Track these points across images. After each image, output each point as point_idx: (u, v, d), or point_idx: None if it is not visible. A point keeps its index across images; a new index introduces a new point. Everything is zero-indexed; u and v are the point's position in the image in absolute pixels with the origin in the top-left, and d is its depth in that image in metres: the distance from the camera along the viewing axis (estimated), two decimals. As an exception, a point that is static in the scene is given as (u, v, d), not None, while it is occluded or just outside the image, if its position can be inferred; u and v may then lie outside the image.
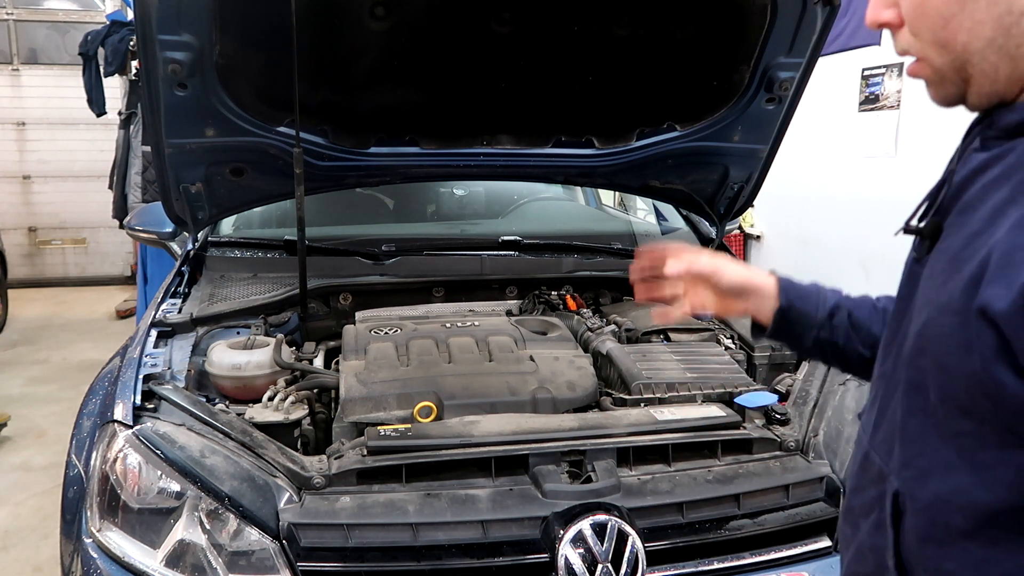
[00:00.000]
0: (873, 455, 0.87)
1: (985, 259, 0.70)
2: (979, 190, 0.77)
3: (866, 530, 0.87)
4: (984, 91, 0.78)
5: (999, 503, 0.71)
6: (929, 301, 0.78)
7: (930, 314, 0.77)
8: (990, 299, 0.68)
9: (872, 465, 0.87)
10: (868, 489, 0.87)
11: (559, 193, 3.38)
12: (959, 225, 0.78)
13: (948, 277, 0.75)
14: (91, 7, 8.13)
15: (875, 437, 0.88)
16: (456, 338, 1.87)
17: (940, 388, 0.75)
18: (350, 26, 1.87)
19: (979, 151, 0.80)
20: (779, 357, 1.99)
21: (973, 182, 0.78)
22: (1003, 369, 0.67)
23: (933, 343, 0.75)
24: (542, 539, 1.37)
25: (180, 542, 1.36)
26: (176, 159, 1.98)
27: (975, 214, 0.75)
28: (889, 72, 4.80)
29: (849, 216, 5.00)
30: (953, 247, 0.77)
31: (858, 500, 0.90)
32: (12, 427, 4.12)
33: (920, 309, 0.80)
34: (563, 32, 1.96)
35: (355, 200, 2.92)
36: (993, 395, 0.69)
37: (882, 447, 0.86)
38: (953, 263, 0.75)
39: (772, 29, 1.94)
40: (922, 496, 0.78)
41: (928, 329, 0.77)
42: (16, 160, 8.21)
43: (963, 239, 0.75)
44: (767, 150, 2.31)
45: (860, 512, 0.89)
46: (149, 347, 1.82)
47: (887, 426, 0.85)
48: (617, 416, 1.61)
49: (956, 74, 0.78)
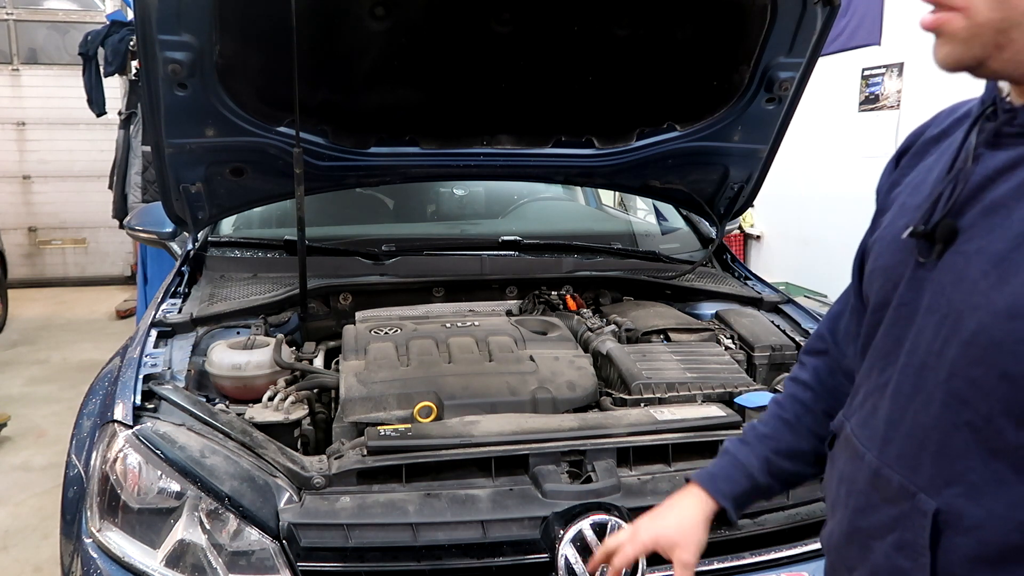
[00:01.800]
0: (888, 472, 0.82)
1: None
2: (1012, 189, 0.73)
3: (883, 552, 0.82)
4: (1018, 59, 0.73)
5: None
6: (976, 307, 0.73)
7: (982, 321, 0.72)
8: None
9: (888, 482, 0.82)
10: (884, 508, 0.83)
11: (559, 193, 3.38)
12: (991, 226, 0.74)
13: (1002, 280, 0.71)
14: (91, 7, 8.13)
15: (886, 452, 0.83)
16: (456, 338, 1.87)
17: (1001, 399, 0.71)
18: (350, 26, 1.87)
19: (995, 149, 0.77)
20: (779, 357, 1.99)
21: (996, 182, 0.75)
22: None
23: (996, 352, 0.71)
24: (542, 539, 1.37)
25: (180, 542, 1.36)
26: (176, 159, 1.98)
27: (1013, 214, 0.72)
28: (889, 72, 4.80)
29: (849, 216, 4.99)
30: (995, 248, 0.73)
31: (868, 520, 0.85)
32: (12, 427, 4.12)
33: (962, 316, 0.75)
34: (563, 32, 1.96)
35: (355, 200, 2.92)
36: None
37: (900, 463, 0.81)
38: (1003, 264, 0.71)
39: (772, 29, 1.94)
40: (972, 514, 0.74)
41: (983, 337, 0.72)
42: (16, 160, 8.21)
43: (1010, 240, 0.72)
44: (767, 150, 2.31)
45: (873, 533, 0.84)
46: (149, 347, 1.82)
47: (905, 440, 0.81)
48: (617, 416, 1.61)
49: (996, 35, 0.72)
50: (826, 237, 5.38)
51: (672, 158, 2.33)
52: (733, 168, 2.38)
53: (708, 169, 2.41)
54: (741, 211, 2.56)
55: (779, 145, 2.30)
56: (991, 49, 0.73)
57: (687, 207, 2.72)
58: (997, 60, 0.73)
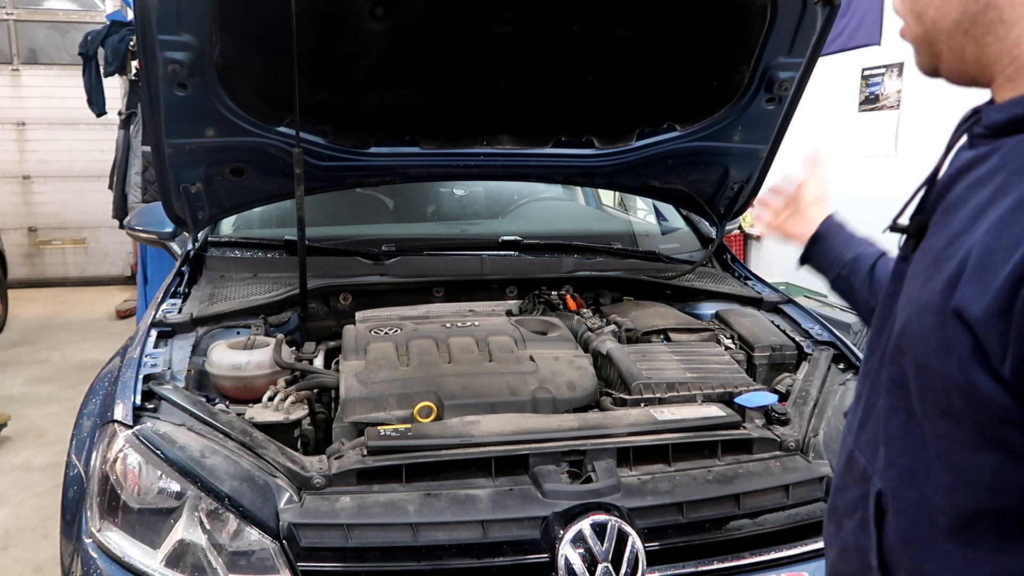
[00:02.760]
0: (858, 455, 0.87)
1: (963, 260, 0.69)
2: (963, 190, 0.77)
3: (850, 529, 0.87)
4: (952, 68, 0.79)
5: (977, 505, 0.71)
6: (911, 300, 0.78)
7: (911, 313, 0.77)
8: (965, 301, 0.67)
9: (856, 464, 0.87)
10: (852, 488, 0.87)
11: (559, 193, 3.39)
12: (942, 224, 0.78)
13: (929, 277, 0.75)
14: (91, 7, 8.13)
15: (860, 436, 0.88)
16: (456, 338, 1.87)
17: (920, 388, 0.75)
18: (350, 26, 1.87)
19: (966, 149, 0.80)
20: (779, 357, 1.99)
21: (958, 181, 0.78)
22: (978, 371, 0.67)
23: (913, 343, 0.75)
24: (542, 539, 1.37)
25: (180, 542, 1.36)
26: (176, 159, 1.98)
27: (958, 213, 0.75)
28: (889, 72, 4.80)
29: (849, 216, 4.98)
30: (936, 246, 0.77)
31: (842, 499, 0.90)
32: (12, 427, 4.12)
33: (903, 308, 0.80)
34: (563, 32, 1.96)
35: (355, 200, 2.92)
36: (968, 396, 0.69)
37: (867, 447, 0.85)
38: (935, 263, 0.75)
39: (772, 29, 1.94)
40: (904, 496, 0.78)
41: (908, 328, 0.77)
42: (16, 160, 8.21)
43: (945, 239, 0.75)
44: (767, 150, 2.31)
45: (844, 512, 0.89)
46: (149, 347, 1.82)
47: (872, 425, 0.85)
48: (617, 416, 1.61)
49: (928, 46, 0.80)
50: (826, 237, 5.38)
51: (672, 158, 2.33)
52: (733, 168, 2.38)
53: (708, 169, 2.41)
54: (741, 211, 2.56)
55: (779, 145, 2.30)
56: (933, 58, 0.81)
57: (687, 207, 2.72)
58: (942, 67, 0.81)
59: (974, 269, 0.68)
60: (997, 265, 0.65)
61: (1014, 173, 0.70)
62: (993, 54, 0.74)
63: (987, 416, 0.68)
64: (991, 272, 0.66)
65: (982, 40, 0.74)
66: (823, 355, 1.94)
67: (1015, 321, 0.63)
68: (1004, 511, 0.69)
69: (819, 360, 1.92)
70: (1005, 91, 0.75)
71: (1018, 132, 0.72)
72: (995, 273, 0.65)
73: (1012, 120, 0.73)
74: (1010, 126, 0.73)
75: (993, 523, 0.71)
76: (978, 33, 0.74)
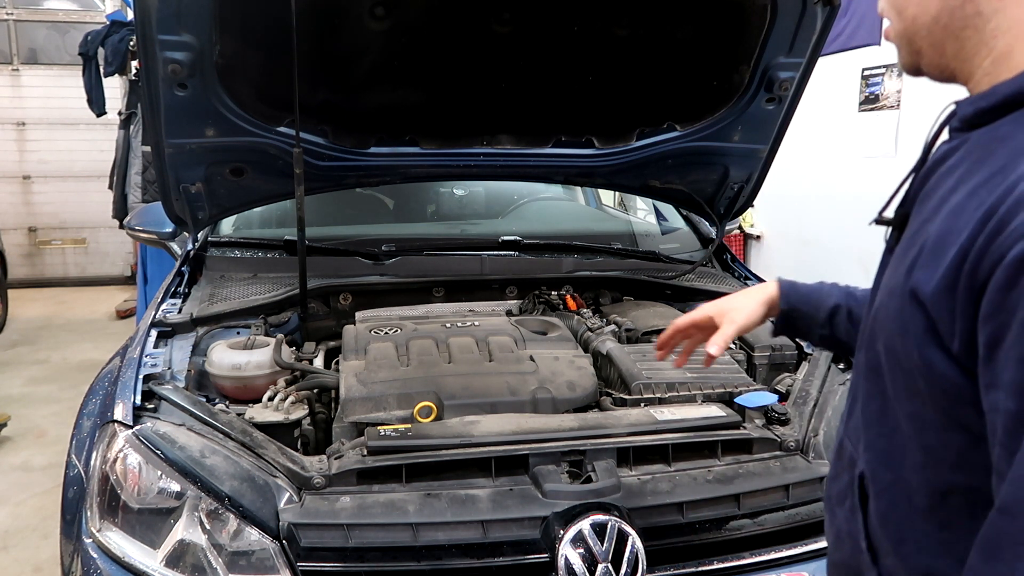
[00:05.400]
0: (846, 441, 0.89)
1: (923, 245, 0.73)
2: (935, 180, 0.79)
3: (842, 516, 0.88)
4: (933, 63, 0.81)
5: (946, 484, 0.73)
6: (883, 287, 0.81)
7: (881, 299, 0.80)
8: (918, 282, 0.71)
9: (845, 451, 0.89)
10: (842, 475, 0.89)
11: (559, 193, 3.38)
12: (916, 214, 0.81)
13: (899, 263, 0.78)
14: (91, 7, 8.13)
15: (848, 424, 0.90)
16: (456, 338, 1.87)
17: (890, 371, 0.77)
18: (350, 26, 1.87)
19: (946, 142, 0.82)
20: (779, 357, 1.99)
21: (934, 172, 0.81)
22: (932, 349, 0.70)
23: (882, 327, 0.78)
24: (542, 539, 1.37)
25: (180, 542, 1.36)
26: (176, 159, 1.98)
27: (928, 203, 0.78)
28: (889, 72, 4.80)
29: (849, 216, 5.00)
30: (908, 235, 0.80)
31: (834, 487, 0.91)
32: (12, 427, 4.12)
33: (878, 296, 0.82)
34: (563, 32, 1.96)
35: (355, 200, 2.92)
36: (927, 376, 0.71)
37: (853, 433, 0.87)
38: (905, 250, 0.78)
39: (772, 29, 1.94)
40: (882, 478, 0.80)
41: (879, 313, 0.79)
42: (16, 160, 8.21)
43: (915, 227, 0.78)
44: (767, 150, 2.31)
45: (836, 499, 0.90)
46: (149, 347, 1.82)
47: (858, 413, 0.87)
48: (617, 416, 1.61)
49: (908, 43, 0.82)
50: (826, 237, 5.38)
51: (672, 158, 2.33)
52: (733, 168, 2.38)
53: (708, 169, 2.41)
54: (741, 211, 2.56)
55: (779, 145, 2.30)
56: (914, 55, 0.82)
57: (687, 207, 2.72)
58: (924, 64, 0.82)
59: (928, 252, 0.71)
60: (948, 247, 0.69)
61: (976, 162, 0.73)
62: (971, 47, 0.76)
63: (944, 395, 0.71)
64: (942, 253, 0.69)
65: (960, 34, 0.76)
66: (823, 355, 1.94)
67: (959, 298, 0.67)
68: (971, 490, 0.71)
69: (819, 360, 1.91)
70: (983, 84, 0.76)
71: (983, 124, 0.75)
72: (945, 254, 0.69)
73: (977, 113, 0.76)
74: (976, 119, 0.76)
75: (963, 501, 0.73)
76: (956, 27, 0.76)
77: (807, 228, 5.67)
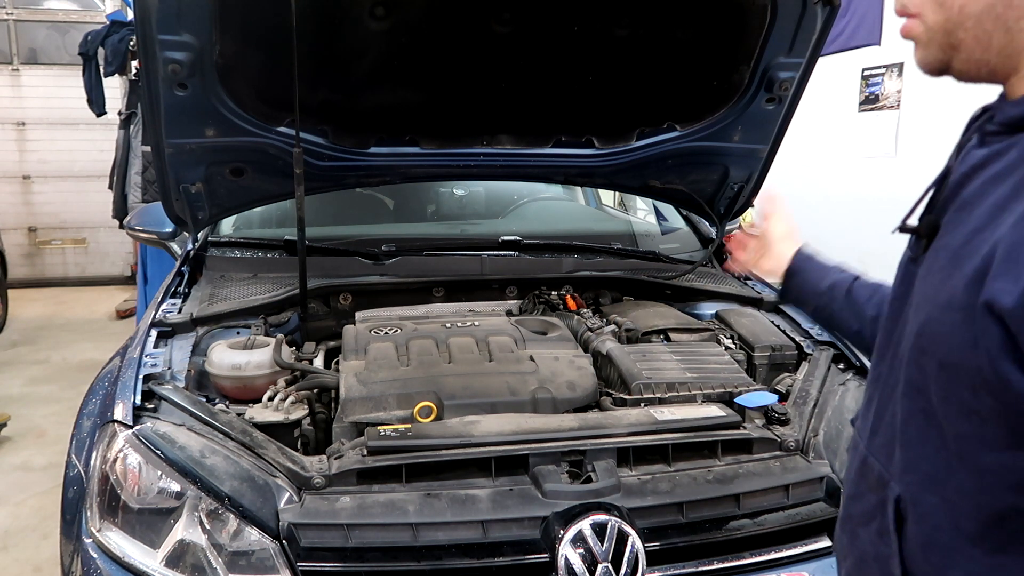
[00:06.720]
0: (872, 460, 0.85)
1: (989, 254, 0.68)
2: (979, 186, 0.75)
3: (868, 539, 0.84)
4: (974, 58, 0.76)
5: (1004, 506, 0.70)
6: (928, 299, 0.76)
7: (930, 313, 0.75)
8: (996, 294, 0.66)
9: (871, 470, 0.85)
10: (868, 495, 0.85)
11: (559, 193, 3.39)
12: (958, 222, 0.76)
13: (949, 275, 0.73)
14: (91, 7, 8.13)
15: (873, 442, 0.86)
16: (456, 338, 1.87)
17: (942, 388, 0.73)
18: (350, 26, 1.87)
19: (978, 147, 0.78)
20: (779, 357, 1.99)
21: (972, 179, 0.77)
22: (1009, 365, 0.66)
23: (934, 342, 0.74)
24: (542, 539, 1.37)
25: (180, 542, 1.36)
26: (176, 159, 1.98)
27: (975, 211, 0.74)
28: (889, 72, 4.80)
29: (849, 216, 5.00)
30: (953, 244, 0.75)
31: (857, 507, 0.88)
32: (12, 427, 4.12)
33: (918, 308, 0.78)
34: (563, 32, 1.96)
35: (355, 200, 2.92)
36: (998, 392, 0.67)
37: (881, 451, 0.83)
38: (954, 260, 0.74)
39: (772, 29, 1.94)
40: (925, 501, 0.76)
41: (928, 328, 0.75)
42: (16, 160, 8.21)
43: (963, 236, 0.74)
44: (767, 150, 2.31)
45: (860, 520, 0.87)
46: (149, 347, 1.82)
47: (886, 430, 0.83)
48: (617, 416, 1.61)
49: (945, 37, 0.76)
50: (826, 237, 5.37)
51: (672, 158, 2.33)
52: (733, 168, 2.38)
53: (708, 169, 2.41)
54: (741, 211, 2.56)
55: (779, 145, 2.30)
56: (948, 50, 0.77)
57: (687, 207, 2.72)
58: (957, 61, 0.77)
59: (1004, 261, 0.67)
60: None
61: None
62: (1022, 41, 0.72)
63: (1016, 412, 0.67)
64: (1021, 264, 0.65)
65: (1014, 25, 0.71)
66: (823, 355, 1.94)
67: None
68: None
69: (819, 360, 1.91)
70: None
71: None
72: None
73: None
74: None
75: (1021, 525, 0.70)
76: (1010, 18, 0.71)
77: (807, 228, 5.66)
